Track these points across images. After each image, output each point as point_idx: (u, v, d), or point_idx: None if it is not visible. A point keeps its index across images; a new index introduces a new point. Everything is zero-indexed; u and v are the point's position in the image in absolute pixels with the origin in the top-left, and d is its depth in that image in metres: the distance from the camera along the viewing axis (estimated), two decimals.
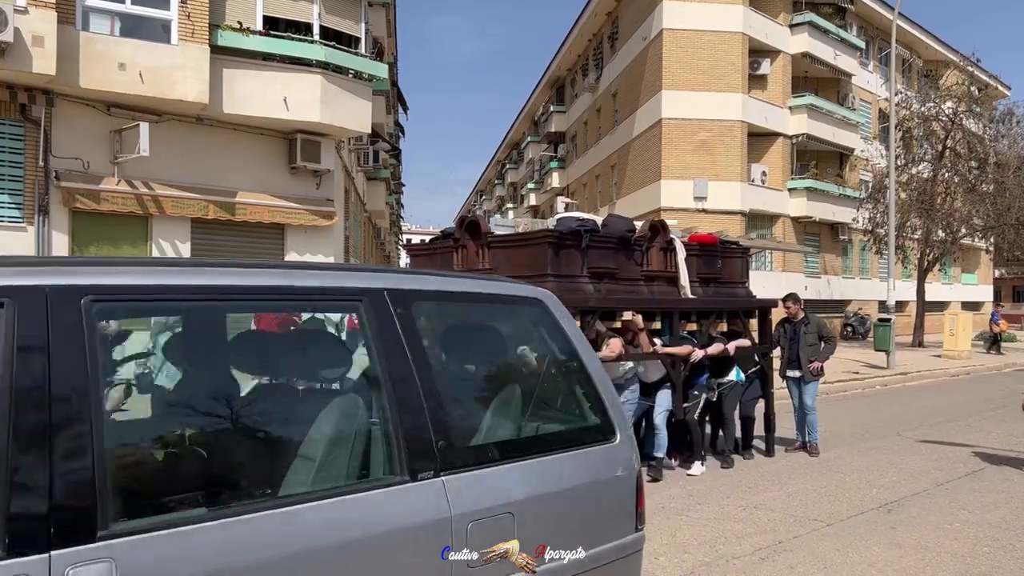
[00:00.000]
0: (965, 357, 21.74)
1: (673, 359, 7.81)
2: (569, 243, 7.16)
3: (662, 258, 8.15)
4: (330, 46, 14.74)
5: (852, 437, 9.98)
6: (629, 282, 7.80)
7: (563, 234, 7.10)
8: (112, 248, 13.45)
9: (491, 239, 7.49)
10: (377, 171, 26.83)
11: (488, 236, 7.50)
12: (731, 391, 8.46)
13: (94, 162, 12.98)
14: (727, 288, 9.03)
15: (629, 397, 7.35)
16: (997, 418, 11.76)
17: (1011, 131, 25.89)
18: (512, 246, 7.42)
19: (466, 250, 7.65)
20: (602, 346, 7.14)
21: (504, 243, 7.47)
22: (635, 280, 7.88)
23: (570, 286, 7.06)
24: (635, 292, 7.79)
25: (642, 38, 27.33)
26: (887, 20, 26.99)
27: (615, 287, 7.59)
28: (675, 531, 5.83)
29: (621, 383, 7.24)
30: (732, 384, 8.44)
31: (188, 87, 13.01)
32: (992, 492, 7.15)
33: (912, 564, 5.15)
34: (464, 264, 7.67)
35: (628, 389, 7.35)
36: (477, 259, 7.55)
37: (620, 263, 7.70)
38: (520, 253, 7.30)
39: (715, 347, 8.21)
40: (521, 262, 7.24)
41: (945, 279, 38.01)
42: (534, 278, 7.03)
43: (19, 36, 11.13)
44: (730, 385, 8.42)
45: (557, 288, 6.78)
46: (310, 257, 15.55)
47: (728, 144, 25.74)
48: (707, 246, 8.77)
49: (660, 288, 8.10)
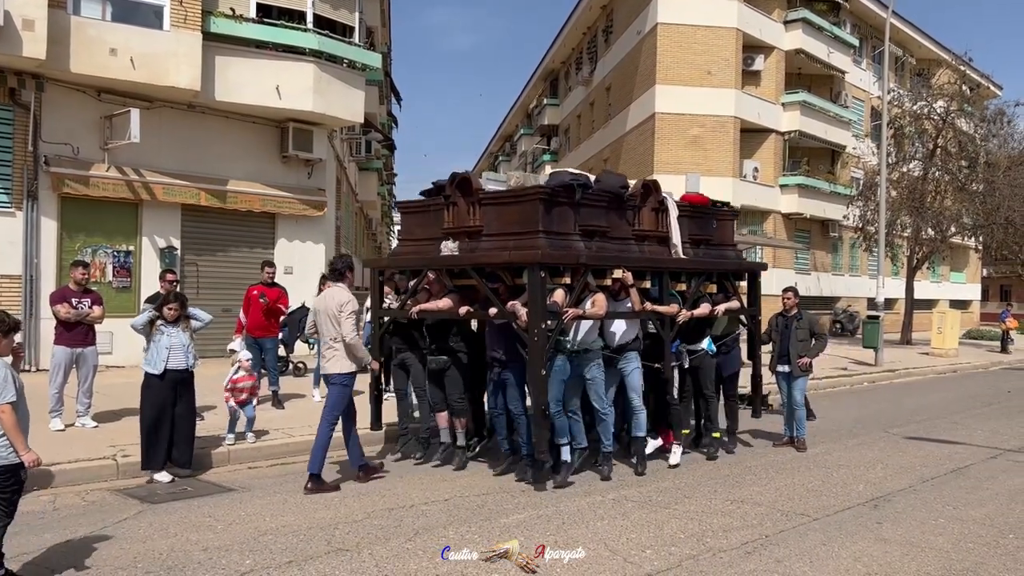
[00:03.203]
0: (952, 355, 21.88)
1: (661, 318, 7.80)
2: (561, 200, 7.03)
3: (654, 218, 8.10)
4: (324, 35, 14.68)
5: (839, 433, 10.03)
6: (620, 241, 7.71)
7: (554, 190, 6.97)
8: (101, 235, 13.37)
9: (482, 196, 7.34)
10: (369, 161, 26.75)
11: (479, 193, 7.35)
12: (703, 362, 8.28)
13: (84, 148, 12.91)
14: (717, 250, 9.02)
15: (596, 374, 7.16)
16: (983, 416, 11.85)
17: (1001, 131, 25.98)
18: (503, 203, 7.28)
19: (457, 207, 7.51)
20: (587, 302, 7.11)
21: (495, 200, 7.33)
22: (626, 239, 7.80)
23: (560, 244, 6.98)
24: (626, 251, 7.71)
25: (636, 32, 27.30)
26: (881, 18, 27.04)
27: (606, 245, 7.51)
28: (662, 524, 5.86)
29: (588, 350, 7.10)
30: (703, 354, 8.26)
31: (180, 74, 12.93)
32: (977, 489, 7.21)
33: (897, 559, 5.19)
34: (455, 222, 7.54)
35: (595, 364, 7.16)
36: (468, 216, 7.41)
37: (611, 222, 7.61)
38: (511, 210, 7.17)
39: (702, 308, 8.18)
40: (512, 219, 7.13)
41: (934, 277, 38.22)
42: (525, 235, 6.97)
43: (9, 19, 11.03)
44: (701, 355, 8.25)
45: (548, 245, 6.78)
46: (300, 246, 15.51)
47: (721, 140, 25.77)
48: (699, 207, 8.78)
49: (651, 248, 8.03)
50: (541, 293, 6.60)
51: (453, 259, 7.47)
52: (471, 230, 7.43)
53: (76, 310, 8.35)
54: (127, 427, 8.29)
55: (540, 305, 6.58)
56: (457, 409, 7.65)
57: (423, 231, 8.12)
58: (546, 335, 6.61)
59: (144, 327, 7.02)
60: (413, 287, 8.10)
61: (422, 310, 7.56)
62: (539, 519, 5.92)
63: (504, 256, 6.96)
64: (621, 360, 7.48)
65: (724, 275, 8.90)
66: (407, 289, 8.29)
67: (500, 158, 58.56)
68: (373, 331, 8.48)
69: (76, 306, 8.37)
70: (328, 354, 6.87)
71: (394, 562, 4.93)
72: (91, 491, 6.57)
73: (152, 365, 6.96)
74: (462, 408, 7.67)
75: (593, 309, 7.08)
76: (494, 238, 7.27)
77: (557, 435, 7.07)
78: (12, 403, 4.29)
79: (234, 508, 6.13)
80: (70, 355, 8.37)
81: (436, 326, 7.71)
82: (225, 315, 12.82)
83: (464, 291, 7.60)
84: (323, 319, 6.89)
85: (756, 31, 26.67)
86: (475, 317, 7.42)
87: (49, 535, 5.35)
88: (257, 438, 8.13)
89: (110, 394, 9.98)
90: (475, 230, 7.41)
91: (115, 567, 4.78)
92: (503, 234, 7.21)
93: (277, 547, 5.17)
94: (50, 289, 12.64)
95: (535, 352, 6.61)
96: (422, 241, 8.11)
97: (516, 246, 6.95)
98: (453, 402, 7.64)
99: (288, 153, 15.11)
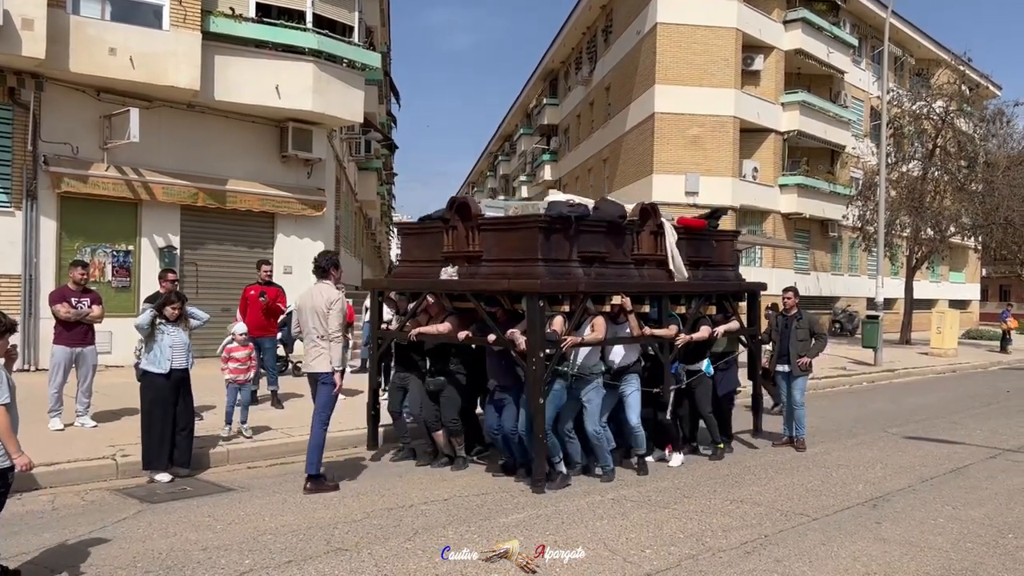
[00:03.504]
0: (952, 355, 21.89)
1: (660, 342, 7.81)
2: (559, 228, 7.08)
3: (652, 241, 8.12)
4: (323, 34, 14.67)
5: (839, 433, 10.04)
6: (619, 266, 7.75)
7: (553, 219, 7.00)
8: (101, 234, 13.37)
9: (481, 222, 7.39)
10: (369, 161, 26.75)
11: (478, 219, 7.40)
12: (700, 384, 8.24)
13: (83, 147, 12.89)
14: (716, 271, 9.04)
15: (593, 398, 7.11)
16: (982, 415, 11.86)
17: (1001, 131, 25.98)
18: (502, 229, 7.34)
19: (456, 231, 7.56)
20: (586, 327, 7.12)
21: (494, 226, 7.39)
22: (625, 264, 7.84)
23: (559, 271, 7.02)
24: (625, 276, 7.75)
25: (636, 32, 27.29)
26: (880, 18, 27.03)
27: (605, 271, 7.54)
28: (661, 524, 5.86)
29: (587, 375, 7.05)
30: (700, 376, 8.23)
31: (179, 73, 12.92)
32: (976, 489, 7.21)
33: (896, 559, 5.20)
34: (454, 246, 7.59)
35: (592, 388, 7.10)
36: (467, 242, 7.47)
37: (610, 247, 7.65)
38: (510, 237, 7.22)
39: (702, 331, 8.19)
40: (511, 246, 7.18)
41: (933, 277, 38.22)
42: (524, 262, 6.99)
43: (8, 19, 11.02)
44: (699, 378, 8.22)
45: (547, 273, 6.80)
46: (299, 245, 15.50)
47: (720, 139, 25.77)
48: (695, 230, 8.79)
49: (650, 271, 8.06)
50: (540, 322, 6.62)
51: (452, 284, 7.49)
52: (470, 255, 7.46)
53: (76, 310, 8.34)
54: (126, 427, 8.29)
55: (539, 333, 6.60)
56: (453, 430, 7.62)
57: (422, 252, 8.20)
58: (544, 364, 6.61)
59: (147, 327, 7.03)
60: (412, 309, 8.10)
61: (421, 333, 7.55)
62: (538, 519, 5.92)
63: (503, 284, 6.99)
64: (621, 384, 7.48)
65: (723, 296, 8.90)
66: (406, 310, 8.29)
67: (500, 158, 58.54)
68: (371, 352, 8.47)
69: (75, 306, 8.36)
70: (314, 352, 6.70)
71: (393, 562, 4.93)
72: (90, 491, 6.57)
73: (157, 364, 6.97)
74: (457, 429, 7.64)
75: (593, 334, 7.09)
76: (493, 263, 7.31)
77: (549, 453, 6.98)
78: (6, 405, 4.27)
79: (233, 508, 6.13)
80: (69, 355, 8.37)
81: (435, 348, 7.70)
82: (224, 315, 12.81)
83: (463, 313, 7.62)
84: (309, 315, 6.72)
85: (756, 31, 26.66)
86: (473, 343, 7.37)
87: (48, 534, 5.34)
88: (254, 434, 8.15)
89: (109, 394, 9.98)
90: (474, 255, 7.43)
91: (114, 567, 4.77)
92: (502, 260, 7.24)
93: (276, 547, 5.17)
94: (49, 289, 12.63)
95: (533, 380, 6.61)
96: (421, 263, 8.18)
97: (515, 273, 6.98)
98: (448, 423, 7.58)
99: (287, 153, 15.09)
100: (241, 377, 8.17)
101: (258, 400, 9.93)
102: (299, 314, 6.92)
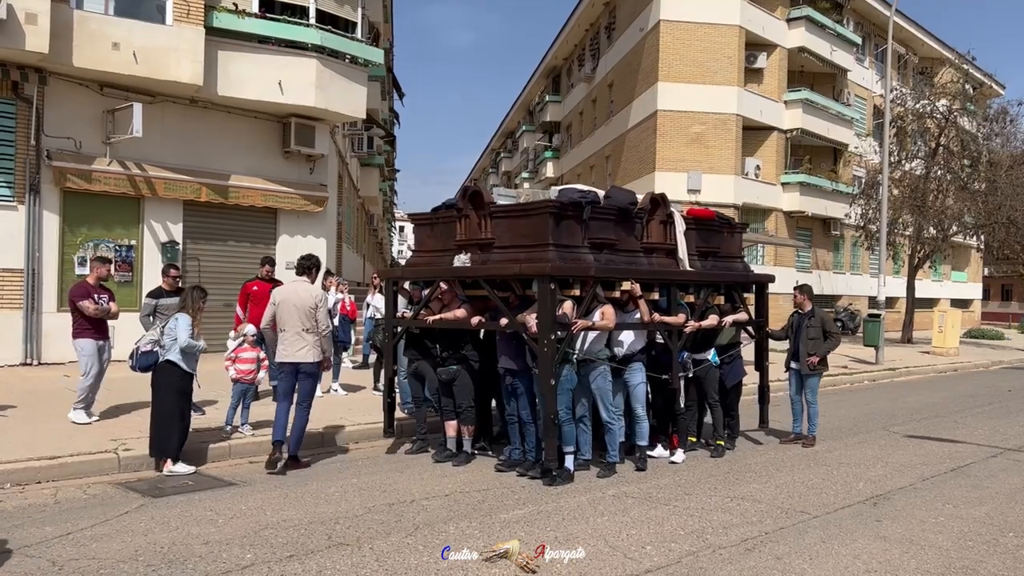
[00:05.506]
0: (953, 354, 21.88)
1: (669, 329, 7.85)
2: (570, 214, 7.18)
3: (662, 230, 8.20)
4: (326, 30, 14.66)
5: (840, 431, 10.04)
6: (629, 253, 7.85)
7: (564, 205, 7.11)
8: (103, 229, 13.38)
9: (493, 209, 7.51)
10: (371, 157, 26.70)
11: (490, 206, 7.51)
12: (708, 374, 8.33)
13: (86, 142, 12.90)
14: (725, 262, 9.12)
15: (601, 384, 7.25)
16: (983, 414, 11.86)
17: (1004, 130, 25.95)
18: (513, 216, 7.45)
19: (468, 220, 7.67)
20: (596, 314, 7.18)
21: (506, 213, 7.50)
22: (634, 251, 7.93)
23: (570, 256, 7.12)
24: (635, 263, 7.84)
25: (639, 29, 27.26)
26: (884, 16, 27.01)
27: (614, 258, 7.63)
28: (662, 520, 5.87)
29: (592, 359, 7.19)
30: (708, 366, 8.31)
31: (182, 68, 12.92)
32: (977, 488, 7.22)
33: (897, 557, 5.20)
34: (467, 235, 7.69)
35: (599, 374, 7.24)
36: (479, 229, 7.57)
37: (620, 235, 7.75)
38: (521, 223, 7.34)
39: (710, 320, 8.25)
40: (522, 232, 7.29)
41: (935, 276, 38.20)
42: (535, 248, 7.08)
43: (12, 13, 11.03)
44: (706, 367, 8.30)
45: (557, 258, 6.86)
46: (301, 241, 15.51)
47: (723, 137, 25.75)
48: (704, 221, 8.86)
49: (659, 260, 8.15)
50: (551, 304, 6.68)
51: (465, 270, 7.59)
52: (483, 242, 7.56)
53: (99, 306, 8.42)
54: (128, 421, 8.31)
55: (549, 316, 6.66)
56: (466, 417, 7.70)
57: (436, 242, 8.32)
58: (555, 346, 6.67)
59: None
60: (426, 297, 8.20)
61: (437, 319, 7.66)
62: (539, 515, 5.93)
63: (515, 268, 7.08)
64: (627, 371, 7.54)
65: (731, 286, 8.97)
66: (420, 299, 8.37)
67: (502, 154, 58.52)
68: (386, 340, 8.60)
69: (97, 302, 8.44)
70: (298, 343, 7.16)
71: (395, 556, 4.94)
72: (92, 484, 6.58)
73: (173, 352, 7.08)
74: (470, 416, 7.72)
75: (603, 322, 7.15)
76: (505, 250, 7.42)
77: (564, 442, 7.07)
78: None
79: (235, 502, 6.14)
80: (98, 347, 8.44)
81: (449, 335, 7.78)
82: (227, 309, 12.83)
83: (476, 300, 7.72)
84: (290, 310, 7.16)
85: (759, 29, 26.63)
86: (487, 328, 7.50)
87: (50, 528, 5.35)
88: (254, 429, 8.18)
89: (111, 388, 9.97)
90: (487, 242, 7.54)
91: (116, 560, 4.79)
92: (514, 246, 7.36)
93: (278, 541, 5.19)
94: (52, 283, 12.70)
95: (544, 362, 6.67)
96: (434, 252, 8.29)
97: (527, 258, 7.09)
98: (462, 410, 7.68)
99: (290, 148, 15.10)
100: (248, 377, 8.19)
101: (259, 396, 9.94)
102: (276, 308, 7.28)
